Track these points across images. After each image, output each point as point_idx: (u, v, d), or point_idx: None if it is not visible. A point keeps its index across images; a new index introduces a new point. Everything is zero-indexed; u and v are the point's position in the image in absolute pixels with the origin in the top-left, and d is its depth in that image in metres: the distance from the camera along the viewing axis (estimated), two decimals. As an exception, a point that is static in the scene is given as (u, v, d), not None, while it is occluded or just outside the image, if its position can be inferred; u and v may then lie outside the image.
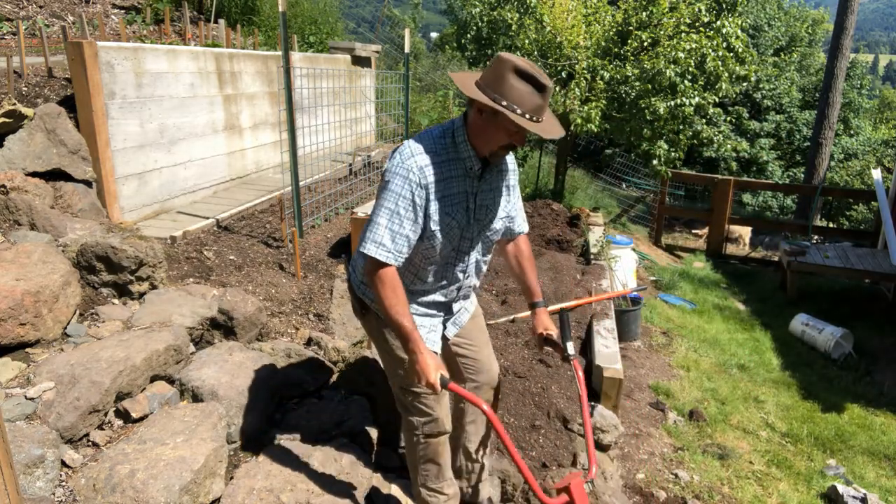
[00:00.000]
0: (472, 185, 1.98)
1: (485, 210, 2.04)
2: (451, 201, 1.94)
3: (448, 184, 1.93)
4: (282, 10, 3.56)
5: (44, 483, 1.81)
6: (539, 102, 1.81)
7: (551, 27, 7.07)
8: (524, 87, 1.79)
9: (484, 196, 2.03)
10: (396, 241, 1.87)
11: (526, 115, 1.80)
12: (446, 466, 2.22)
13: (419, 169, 1.86)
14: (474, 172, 1.96)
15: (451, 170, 1.93)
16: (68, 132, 3.43)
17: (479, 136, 1.91)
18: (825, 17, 20.28)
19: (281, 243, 3.83)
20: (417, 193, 1.87)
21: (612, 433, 3.34)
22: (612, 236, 6.59)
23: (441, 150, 1.92)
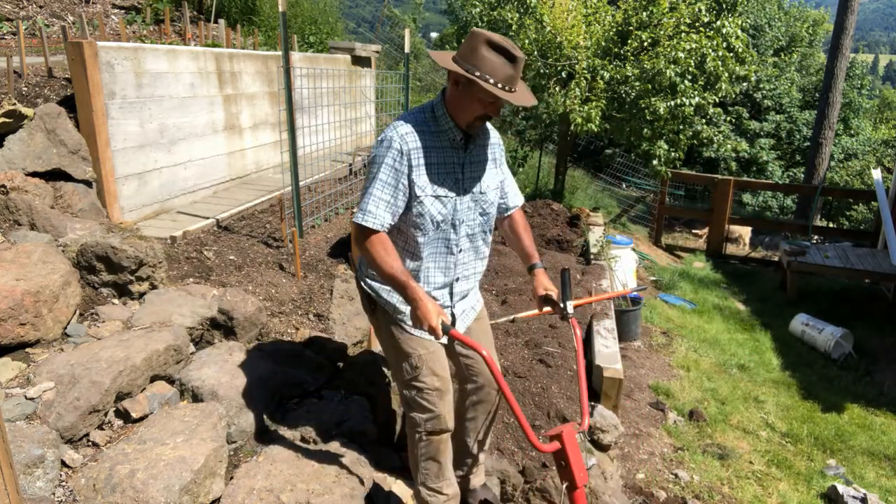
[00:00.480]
0: (458, 157, 2.07)
1: (476, 181, 2.12)
2: (438, 170, 2.04)
3: (432, 153, 2.02)
4: (282, 10, 3.56)
5: (44, 483, 1.81)
6: (511, 72, 1.91)
7: (551, 27, 7.07)
8: (496, 58, 1.89)
9: (472, 168, 2.12)
10: (379, 206, 1.97)
11: (498, 84, 1.90)
12: (447, 466, 2.25)
13: (400, 137, 1.97)
14: (458, 143, 2.06)
15: (435, 140, 2.03)
16: (68, 132, 3.43)
17: (457, 107, 2.01)
18: (825, 17, 20.27)
19: (281, 243, 3.83)
20: (398, 160, 1.97)
21: (612, 433, 3.34)
22: (612, 236, 6.59)
23: (422, 122, 2.03)
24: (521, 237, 2.33)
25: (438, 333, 1.90)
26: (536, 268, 2.28)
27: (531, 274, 2.29)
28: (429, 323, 1.89)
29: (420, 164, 2.01)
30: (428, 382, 2.11)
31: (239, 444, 2.35)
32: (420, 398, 2.14)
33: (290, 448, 2.33)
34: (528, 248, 2.31)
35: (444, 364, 2.18)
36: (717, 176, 9.70)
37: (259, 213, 4.31)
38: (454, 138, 2.05)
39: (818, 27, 19.56)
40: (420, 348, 2.13)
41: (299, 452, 2.30)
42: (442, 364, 2.17)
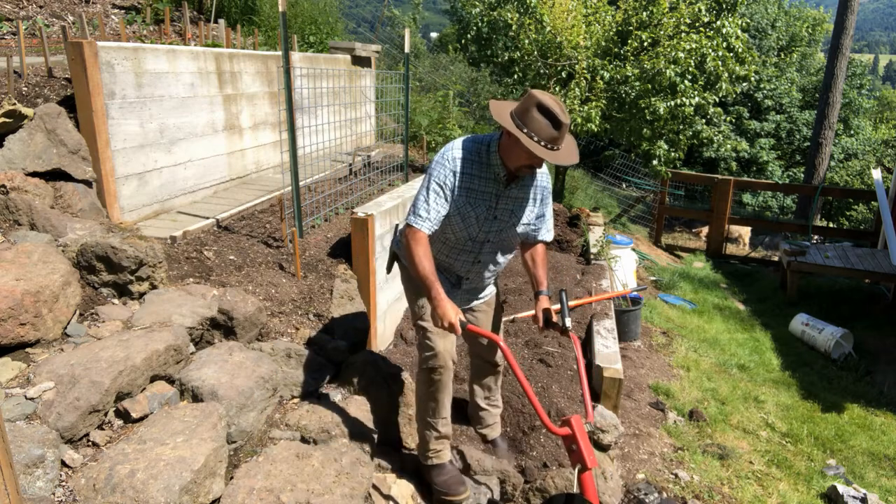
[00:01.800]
0: (497, 189, 2.43)
1: (508, 213, 2.48)
2: (476, 195, 2.41)
3: (475, 180, 2.40)
4: (282, 10, 3.56)
5: (44, 483, 1.81)
6: (554, 135, 2.19)
7: (551, 27, 7.06)
8: (543, 120, 2.18)
9: (509, 202, 2.46)
10: (430, 213, 2.34)
11: (541, 142, 2.19)
12: (444, 405, 2.58)
13: (453, 160, 2.37)
14: (500, 179, 2.40)
15: (482, 171, 2.40)
16: (68, 132, 3.43)
17: (507, 153, 2.34)
18: (825, 17, 20.26)
19: (281, 243, 3.83)
20: (448, 177, 2.36)
21: (612, 433, 3.34)
22: (612, 236, 6.59)
23: (475, 153, 2.40)
24: (536, 266, 2.64)
25: (457, 330, 2.21)
26: (541, 294, 2.58)
27: (536, 298, 2.60)
28: (448, 320, 2.21)
29: (461, 186, 2.38)
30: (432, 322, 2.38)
31: (239, 444, 2.35)
32: (424, 338, 2.49)
33: (290, 448, 2.33)
34: (539, 277, 2.62)
35: None
36: (717, 176, 9.70)
37: (259, 213, 4.31)
38: (498, 174, 2.39)
39: (818, 27, 19.54)
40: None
41: (299, 452, 2.30)
42: None
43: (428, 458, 2.65)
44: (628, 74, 6.92)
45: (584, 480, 2.01)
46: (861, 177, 15.90)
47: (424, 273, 2.28)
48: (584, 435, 2.05)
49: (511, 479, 2.80)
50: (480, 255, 2.56)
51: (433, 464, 2.65)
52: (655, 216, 9.79)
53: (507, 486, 2.79)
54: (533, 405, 2.13)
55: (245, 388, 2.43)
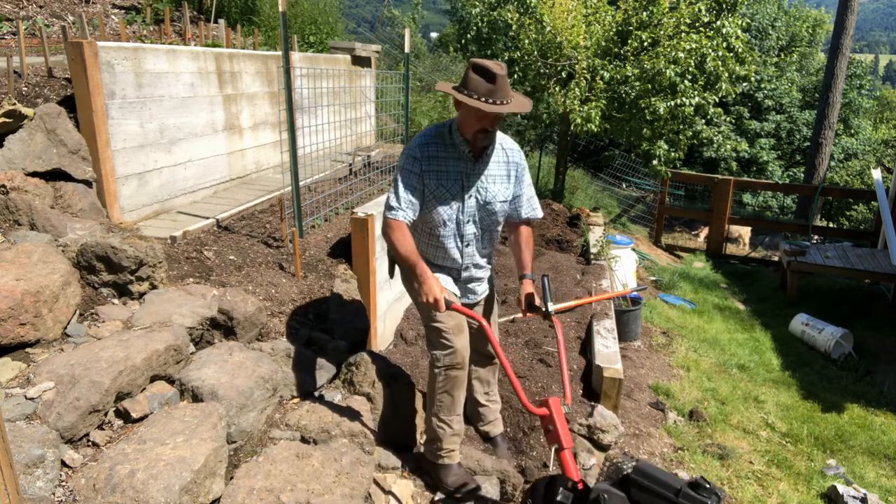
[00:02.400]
0: (465, 167, 2.51)
1: (483, 190, 2.54)
2: (446, 177, 2.49)
3: (442, 162, 2.48)
4: (282, 10, 3.56)
5: (44, 483, 1.81)
6: (490, 87, 2.28)
7: (551, 27, 7.07)
8: (478, 78, 2.30)
9: (480, 179, 2.53)
10: (400, 201, 2.42)
11: (480, 98, 2.28)
12: (458, 402, 2.63)
13: (416, 146, 2.47)
14: (466, 156, 2.49)
15: (447, 151, 2.49)
16: (68, 132, 3.43)
17: (462, 124, 2.45)
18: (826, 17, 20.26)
19: (281, 243, 3.83)
20: (413, 165, 2.45)
21: (612, 433, 3.34)
22: (612, 236, 6.59)
23: (438, 137, 2.50)
24: (520, 249, 2.71)
25: (441, 307, 2.24)
26: (525, 278, 2.66)
27: (520, 282, 2.67)
28: (433, 296, 2.25)
29: (430, 170, 2.46)
30: (445, 322, 2.50)
31: (239, 444, 2.35)
32: (440, 337, 2.53)
33: (290, 448, 2.33)
34: (523, 259, 2.70)
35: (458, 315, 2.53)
36: (717, 176, 9.70)
37: (259, 213, 4.31)
38: (463, 151, 2.48)
39: (819, 28, 19.53)
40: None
41: (299, 452, 2.30)
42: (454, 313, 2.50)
43: (439, 458, 2.65)
44: (628, 74, 6.92)
45: (563, 459, 2.09)
46: (861, 177, 15.90)
47: (406, 253, 2.36)
48: (560, 416, 2.12)
49: (511, 479, 2.80)
50: (466, 238, 2.60)
51: (444, 464, 2.65)
52: (655, 216, 9.78)
53: (507, 486, 2.79)
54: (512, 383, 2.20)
55: (245, 388, 2.43)
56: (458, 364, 2.53)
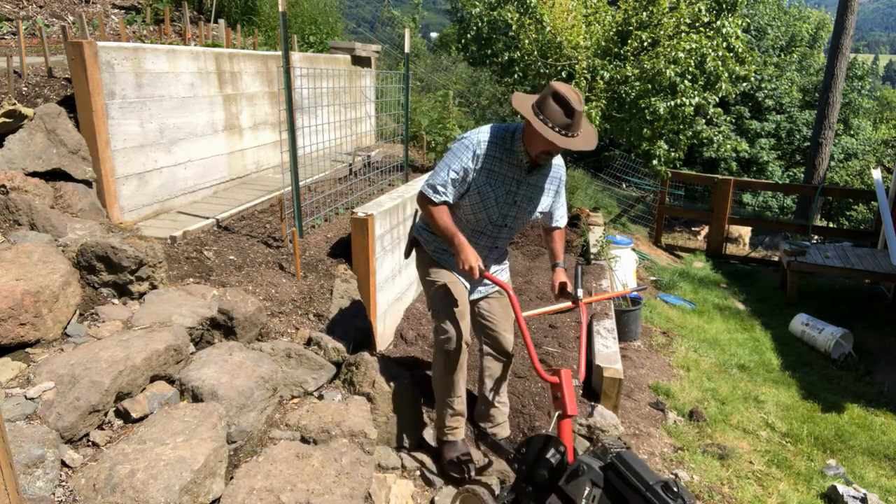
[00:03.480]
0: (519, 175, 2.61)
1: (528, 199, 2.67)
2: (496, 178, 2.59)
3: (497, 163, 2.58)
4: (282, 10, 3.56)
5: (44, 483, 1.81)
6: (567, 122, 2.35)
7: (551, 27, 7.06)
8: (557, 108, 2.35)
9: (529, 188, 2.65)
10: (447, 188, 2.58)
11: (555, 128, 2.35)
12: (459, 385, 2.79)
13: (478, 142, 2.56)
14: (523, 166, 2.59)
15: (505, 156, 2.58)
16: (68, 132, 3.43)
17: (528, 140, 2.51)
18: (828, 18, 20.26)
19: (281, 243, 3.83)
20: (470, 157, 2.55)
21: (612, 433, 3.34)
22: (612, 236, 6.59)
23: (501, 139, 2.58)
24: (555, 244, 2.89)
25: (476, 273, 2.42)
26: (558, 266, 2.80)
27: (553, 270, 2.82)
28: (469, 264, 2.43)
29: (482, 168, 2.57)
30: (451, 305, 2.65)
31: (239, 444, 2.35)
32: (440, 322, 2.68)
33: (290, 448, 2.33)
34: (557, 252, 2.86)
35: (464, 298, 2.73)
36: (717, 176, 9.70)
37: (259, 213, 4.31)
38: (521, 161, 2.57)
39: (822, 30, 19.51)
40: (447, 279, 2.72)
41: (299, 452, 2.30)
42: (462, 296, 2.71)
43: (444, 435, 2.85)
44: (628, 74, 6.92)
45: (563, 426, 2.23)
46: (861, 177, 15.90)
47: (445, 225, 2.55)
48: (570, 386, 2.28)
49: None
50: (498, 241, 2.76)
51: (447, 440, 2.84)
52: (655, 216, 9.78)
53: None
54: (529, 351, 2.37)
55: (245, 388, 2.43)
56: (456, 349, 2.67)
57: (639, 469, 1.94)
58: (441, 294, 2.70)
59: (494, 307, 2.88)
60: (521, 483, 2.28)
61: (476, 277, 2.45)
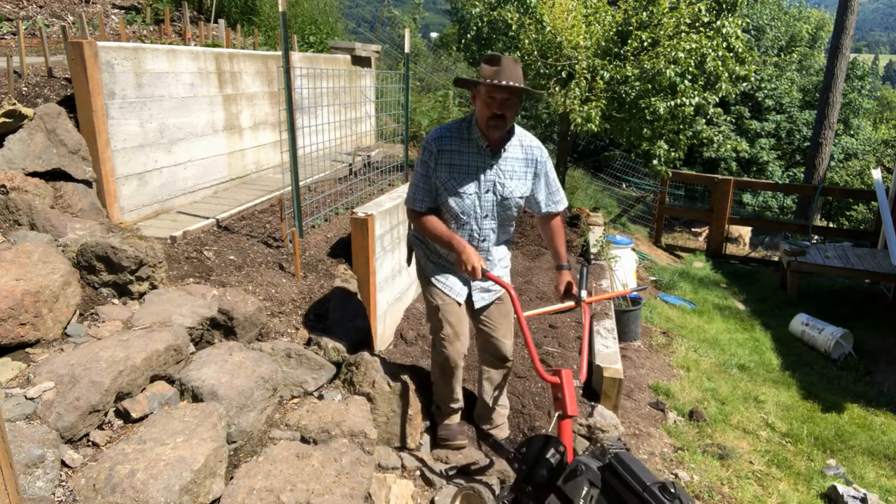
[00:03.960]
0: (482, 162, 2.57)
1: (501, 186, 2.60)
2: (461, 170, 2.57)
3: (456, 155, 2.56)
4: (282, 10, 3.56)
5: (44, 483, 1.81)
6: (495, 69, 2.39)
7: (551, 27, 7.06)
8: (485, 65, 2.43)
9: (499, 174, 2.59)
10: (417, 192, 2.62)
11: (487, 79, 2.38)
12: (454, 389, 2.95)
13: (432, 140, 2.57)
14: (484, 150, 2.56)
15: (463, 146, 2.57)
16: (68, 132, 3.43)
17: (479, 115, 2.50)
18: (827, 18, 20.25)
19: (281, 243, 3.83)
20: (429, 159, 2.57)
21: (612, 433, 3.34)
22: (612, 236, 6.59)
23: (455, 130, 2.58)
24: (553, 241, 2.86)
25: (478, 274, 2.44)
26: (562, 268, 2.81)
27: (558, 272, 2.83)
28: (471, 264, 2.43)
29: (442, 163, 2.56)
30: (443, 329, 2.72)
31: (239, 444, 2.35)
32: (436, 342, 2.79)
33: (290, 448, 2.33)
34: (557, 250, 2.85)
35: (458, 316, 2.76)
36: (717, 176, 9.69)
37: (259, 213, 4.31)
38: (481, 146, 2.55)
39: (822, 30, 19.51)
40: (439, 300, 2.74)
41: (299, 452, 2.30)
42: (456, 315, 2.75)
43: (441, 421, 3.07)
44: (628, 74, 6.92)
45: (563, 426, 2.25)
46: (861, 177, 15.89)
47: (439, 232, 2.56)
48: (570, 386, 2.29)
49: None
50: (483, 233, 2.68)
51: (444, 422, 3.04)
52: (655, 216, 9.78)
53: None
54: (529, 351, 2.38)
55: (245, 388, 2.43)
56: (451, 368, 2.83)
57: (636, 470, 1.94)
58: (434, 316, 2.76)
59: (493, 313, 2.85)
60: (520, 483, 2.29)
61: (478, 278, 2.45)
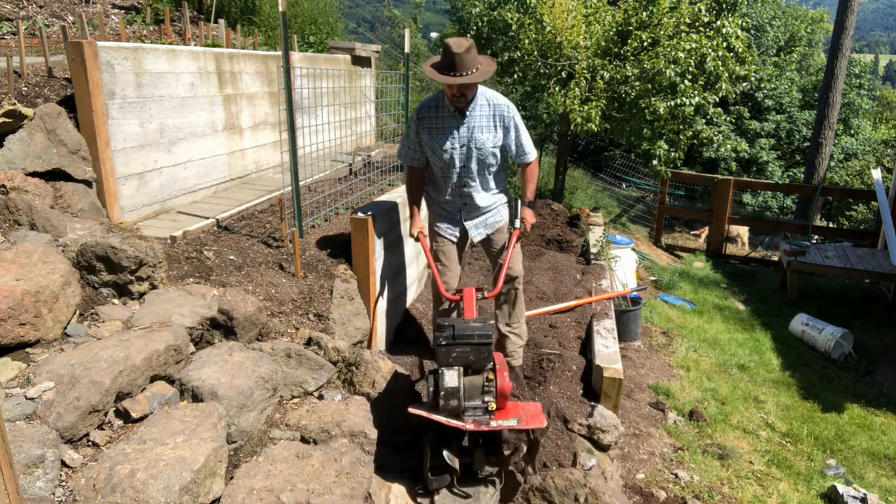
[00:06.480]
0: (454, 122, 3.23)
1: (473, 139, 3.23)
2: (437, 131, 3.25)
3: (435, 121, 3.25)
4: (282, 10, 3.55)
5: (44, 483, 1.81)
6: (449, 63, 2.98)
7: (551, 27, 7.06)
8: (443, 56, 3.03)
9: (469, 130, 3.23)
10: (402, 150, 3.45)
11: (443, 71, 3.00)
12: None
13: (415, 112, 3.33)
14: (453, 114, 3.22)
15: (438, 112, 3.25)
16: (68, 132, 3.43)
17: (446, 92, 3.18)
18: (825, 15, 20.25)
19: (281, 243, 3.83)
20: (413, 127, 3.32)
21: (612, 433, 3.34)
22: (612, 236, 6.58)
23: (433, 101, 3.29)
24: (525, 182, 3.49)
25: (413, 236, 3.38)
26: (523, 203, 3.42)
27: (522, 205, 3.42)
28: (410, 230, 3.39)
29: (423, 128, 3.27)
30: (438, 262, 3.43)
31: (239, 444, 2.35)
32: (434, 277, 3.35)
33: (290, 448, 2.33)
34: (525, 189, 3.47)
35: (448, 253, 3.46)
36: (717, 176, 9.69)
37: (259, 213, 4.31)
38: (451, 111, 3.22)
39: (817, 25, 19.52)
40: (436, 243, 3.48)
41: (299, 452, 2.30)
42: (446, 253, 3.45)
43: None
44: (628, 74, 6.92)
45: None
46: (861, 177, 15.90)
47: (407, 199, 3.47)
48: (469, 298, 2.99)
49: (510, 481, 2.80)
50: (464, 181, 3.32)
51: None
52: (655, 216, 9.78)
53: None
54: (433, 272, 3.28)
55: (245, 388, 2.43)
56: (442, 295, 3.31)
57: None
58: (433, 253, 3.45)
59: (494, 242, 3.52)
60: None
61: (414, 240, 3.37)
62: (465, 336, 2.60)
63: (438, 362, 2.62)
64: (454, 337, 2.61)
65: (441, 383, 2.56)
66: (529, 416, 2.59)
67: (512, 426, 2.53)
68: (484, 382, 2.63)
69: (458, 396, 2.56)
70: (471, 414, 2.57)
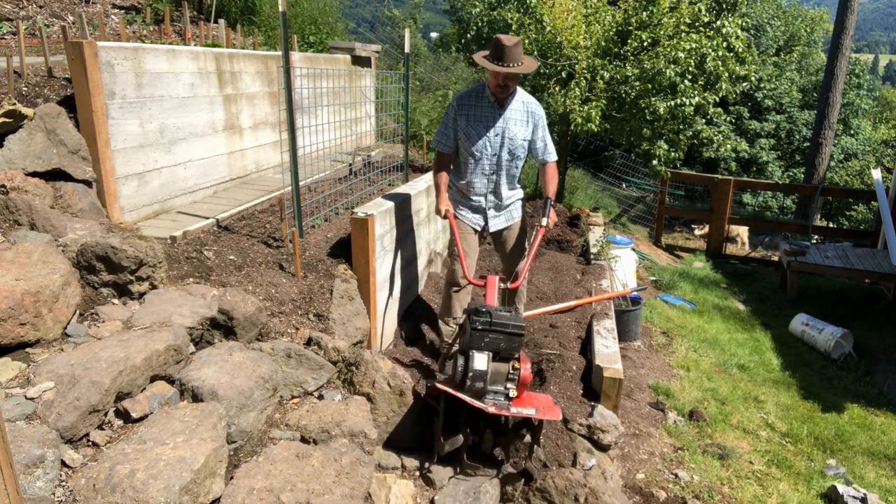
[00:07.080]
0: (493, 112, 3.51)
1: (506, 130, 3.52)
2: (474, 119, 3.51)
3: (473, 108, 3.52)
4: (282, 10, 3.55)
5: (44, 483, 1.81)
6: (499, 53, 3.27)
7: (551, 27, 7.06)
8: (494, 48, 3.30)
9: (506, 122, 3.52)
10: (440, 136, 3.63)
11: (493, 61, 3.30)
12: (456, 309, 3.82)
13: (455, 99, 3.59)
14: (493, 105, 3.50)
15: (478, 101, 3.53)
16: (68, 132, 3.43)
17: (489, 83, 3.47)
18: (824, 15, 20.25)
19: (281, 243, 3.83)
20: (451, 114, 3.57)
21: (612, 433, 3.34)
22: (612, 236, 6.58)
23: (474, 93, 3.57)
24: (546, 182, 3.66)
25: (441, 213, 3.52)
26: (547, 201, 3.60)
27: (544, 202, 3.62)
28: (438, 207, 3.54)
29: (461, 114, 3.53)
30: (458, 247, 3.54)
31: (239, 444, 2.35)
32: (451, 257, 3.73)
33: (290, 448, 2.33)
34: (547, 188, 3.64)
35: (470, 241, 3.70)
36: (717, 176, 9.69)
37: (259, 213, 4.31)
38: (490, 101, 3.51)
39: (816, 25, 19.52)
40: (458, 230, 3.61)
41: (299, 452, 2.30)
42: (468, 240, 3.69)
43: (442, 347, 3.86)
44: (628, 74, 6.92)
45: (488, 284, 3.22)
46: (861, 177, 15.90)
47: (435, 178, 3.62)
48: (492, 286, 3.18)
49: (510, 480, 2.80)
50: (492, 167, 3.59)
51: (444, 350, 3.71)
52: (655, 216, 9.78)
53: (507, 487, 2.79)
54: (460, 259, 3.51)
55: (245, 388, 2.43)
56: (457, 279, 3.70)
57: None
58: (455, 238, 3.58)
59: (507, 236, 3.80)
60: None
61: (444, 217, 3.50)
62: (500, 324, 2.75)
63: (471, 345, 2.74)
64: (490, 324, 2.74)
65: (470, 364, 2.70)
66: (546, 408, 2.72)
67: (531, 415, 2.64)
68: (509, 370, 2.77)
69: (484, 379, 2.71)
70: (492, 398, 2.71)
